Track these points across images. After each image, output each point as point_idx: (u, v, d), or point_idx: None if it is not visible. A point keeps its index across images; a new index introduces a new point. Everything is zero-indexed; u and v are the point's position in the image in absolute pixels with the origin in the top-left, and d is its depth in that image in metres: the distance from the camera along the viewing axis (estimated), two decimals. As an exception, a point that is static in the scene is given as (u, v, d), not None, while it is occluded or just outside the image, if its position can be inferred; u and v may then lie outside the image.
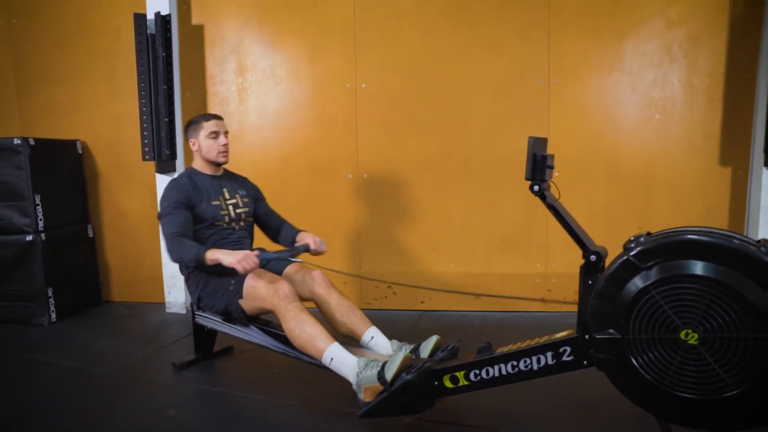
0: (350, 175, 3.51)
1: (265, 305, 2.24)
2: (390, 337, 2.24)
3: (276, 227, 2.70)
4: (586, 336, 1.44)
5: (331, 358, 2.04)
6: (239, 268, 2.16)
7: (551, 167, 1.84)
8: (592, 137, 3.30)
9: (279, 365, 2.59)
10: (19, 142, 3.27)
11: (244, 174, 2.76)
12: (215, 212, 2.48)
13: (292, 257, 2.41)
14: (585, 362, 1.54)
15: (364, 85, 3.44)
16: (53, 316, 3.39)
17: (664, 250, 1.30)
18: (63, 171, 3.56)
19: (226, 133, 2.58)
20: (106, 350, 2.92)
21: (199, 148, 2.55)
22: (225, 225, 2.51)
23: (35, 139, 3.34)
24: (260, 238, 2.72)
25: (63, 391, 2.42)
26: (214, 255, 2.23)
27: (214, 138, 2.53)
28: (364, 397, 1.93)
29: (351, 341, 2.26)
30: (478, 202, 3.42)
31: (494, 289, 3.43)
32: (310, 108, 3.51)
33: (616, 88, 3.25)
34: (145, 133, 3.35)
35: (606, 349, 1.39)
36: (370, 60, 3.42)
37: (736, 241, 1.23)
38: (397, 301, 3.55)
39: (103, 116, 3.69)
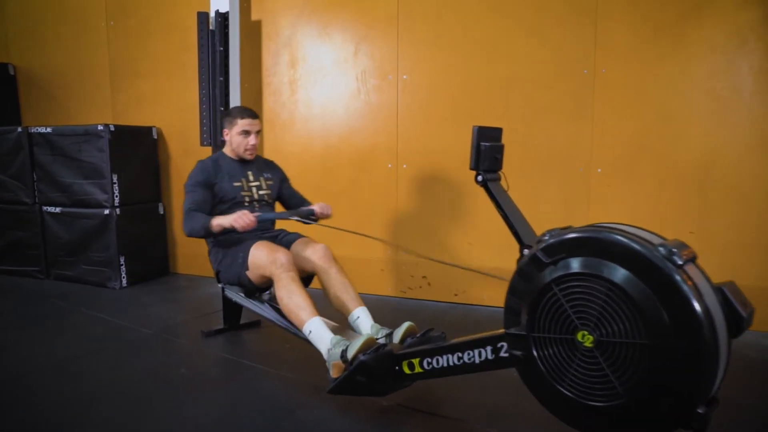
0: (390, 165, 3.57)
1: (265, 272, 2.36)
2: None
3: (295, 205, 2.82)
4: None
5: (310, 331, 2.14)
6: (237, 226, 2.29)
7: (499, 158, 1.76)
8: (640, 133, 3.06)
9: (293, 341, 2.73)
10: (101, 128, 3.73)
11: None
12: (236, 192, 2.64)
13: (292, 218, 2.52)
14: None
15: (405, 77, 3.47)
16: (124, 281, 3.85)
17: (568, 245, 1.22)
18: (139, 154, 4.01)
19: (257, 132, 2.68)
20: (154, 314, 3.28)
21: (230, 141, 2.70)
22: (246, 204, 2.66)
23: (115, 126, 3.80)
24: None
25: (105, 343, 2.79)
26: (217, 221, 2.38)
27: (244, 136, 2.64)
28: (333, 373, 2.01)
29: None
30: (516, 195, 3.24)
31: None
32: (354, 99, 3.62)
33: (670, 78, 2.97)
34: (204, 120, 3.68)
35: (515, 345, 1.33)
36: (412, 52, 3.45)
37: (636, 238, 1.12)
38: (431, 291, 3.56)
39: (176, 106, 4.09)
